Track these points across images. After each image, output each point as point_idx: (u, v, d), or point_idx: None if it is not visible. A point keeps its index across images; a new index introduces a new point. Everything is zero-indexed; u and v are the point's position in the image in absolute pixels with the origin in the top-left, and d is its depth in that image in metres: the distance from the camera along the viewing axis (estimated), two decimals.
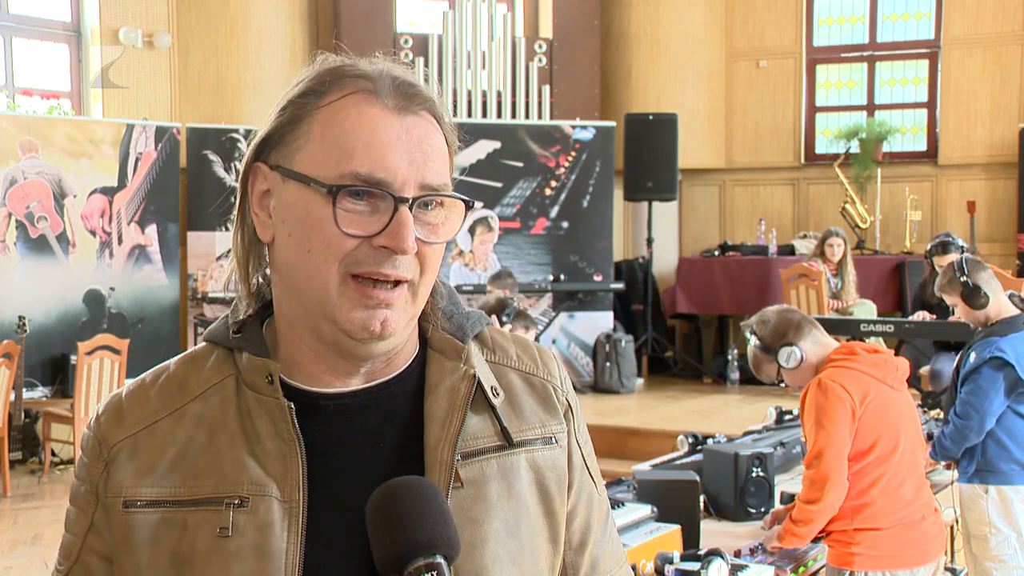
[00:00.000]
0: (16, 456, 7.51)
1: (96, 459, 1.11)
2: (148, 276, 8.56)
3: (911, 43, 10.29)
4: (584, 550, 1.19)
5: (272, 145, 1.09)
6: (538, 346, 1.24)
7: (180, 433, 1.09)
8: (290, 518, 1.05)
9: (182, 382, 1.12)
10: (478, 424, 1.12)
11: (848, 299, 8.39)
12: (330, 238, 1.03)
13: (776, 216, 10.42)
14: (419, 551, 0.97)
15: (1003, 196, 9.71)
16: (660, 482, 3.25)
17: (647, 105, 9.94)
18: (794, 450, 4.19)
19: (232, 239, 1.14)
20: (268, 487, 1.05)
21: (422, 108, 1.08)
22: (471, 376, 1.12)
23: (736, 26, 10.52)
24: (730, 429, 5.14)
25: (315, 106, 1.07)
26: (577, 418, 1.21)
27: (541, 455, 1.14)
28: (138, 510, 1.07)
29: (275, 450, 1.06)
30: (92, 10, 8.85)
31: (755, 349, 3.21)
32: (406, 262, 1.05)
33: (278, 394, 1.08)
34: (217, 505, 1.05)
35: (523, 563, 1.09)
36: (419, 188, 1.05)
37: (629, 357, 8.87)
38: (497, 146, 9.09)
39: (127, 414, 1.12)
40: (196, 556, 1.04)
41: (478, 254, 9.08)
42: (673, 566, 2.76)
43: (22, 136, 7.94)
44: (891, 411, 3.00)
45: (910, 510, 2.99)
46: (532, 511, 1.12)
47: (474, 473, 1.09)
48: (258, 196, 1.10)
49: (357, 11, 9.64)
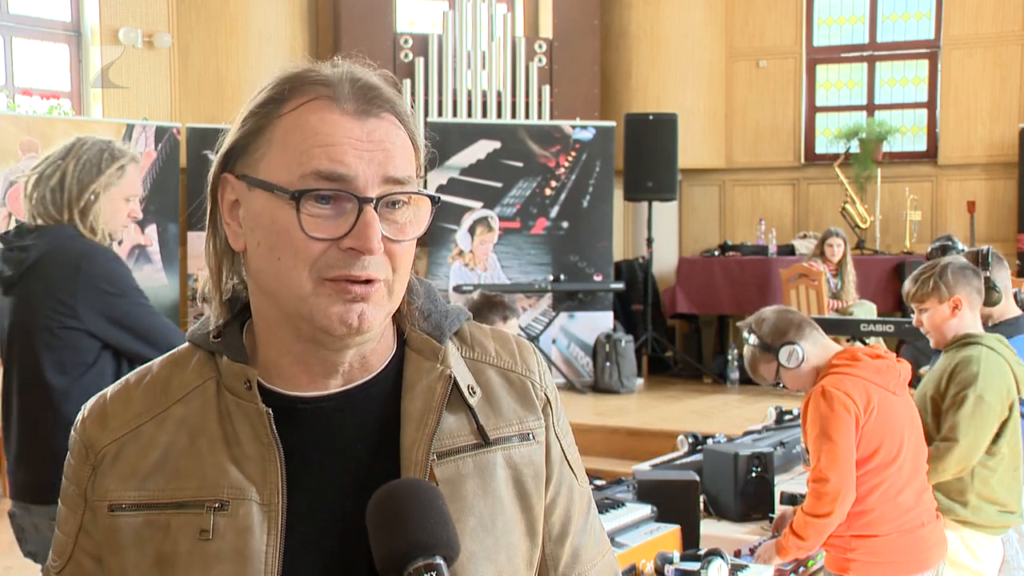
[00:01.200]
0: None
1: (83, 463, 1.13)
2: (148, 276, 8.55)
3: (911, 43, 10.29)
4: (564, 541, 1.21)
5: (237, 155, 1.10)
6: (518, 340, 1.25)
7: (163, 436, 1.11)
8: (269, 521, 1.06)
9: (165, 384, 1.14)
10: (454, 423, 1.13)
11: (848, 299, 8.39)
12: (298, 244, 1.04)
13: (776, 216, 10.42)
14: (419, 552, 0.97)
15: (1003, 196, 9.71)
16: (660, 482, 3.25)
17: (647, 105, 9.94)
18: (794, 450, 4.19)
19: (204, 249, 1.15)
20: (248, 491, 1.07)
21: (383, 110, 1.08)
22: (447, 376, 1.14)
23: (736, 26, 10.52)
24: (730, 429, 5.14)
25: (276, 114, 1.08)
26: (556, 412, 1.22)
27: (518, 452, 1.16)
28: (123, 513, 1.09)
29: (255, 454, 1.08)
30: (92, 10, 8.85)
31: (753, 348, 3.12)
32: (376, 262, 1.06)
33: (256, 400, 1.09)
34: (198, 508, 1.07)
35: (498, 559, 1.11)
36: (382, 183, 1.06)
37: (629, 357, 8.86)
38: (497, 146, 9.09)
39: (111, 417, 1.14)
40: (179, 557, 1.06)
41: (478, 254, 9.08)
42: (673, 566, 2.76)
43: (22, 136, 7.94)
44: (894, 418, 2.95)
45: (909, 517, 2.96)
46: (508, 507, 1.14)
47: (449, 472, 1.11)
48: (228, 206, 1.11)
49: (357, 11, 9.64)
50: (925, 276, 3.46)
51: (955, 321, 3.42)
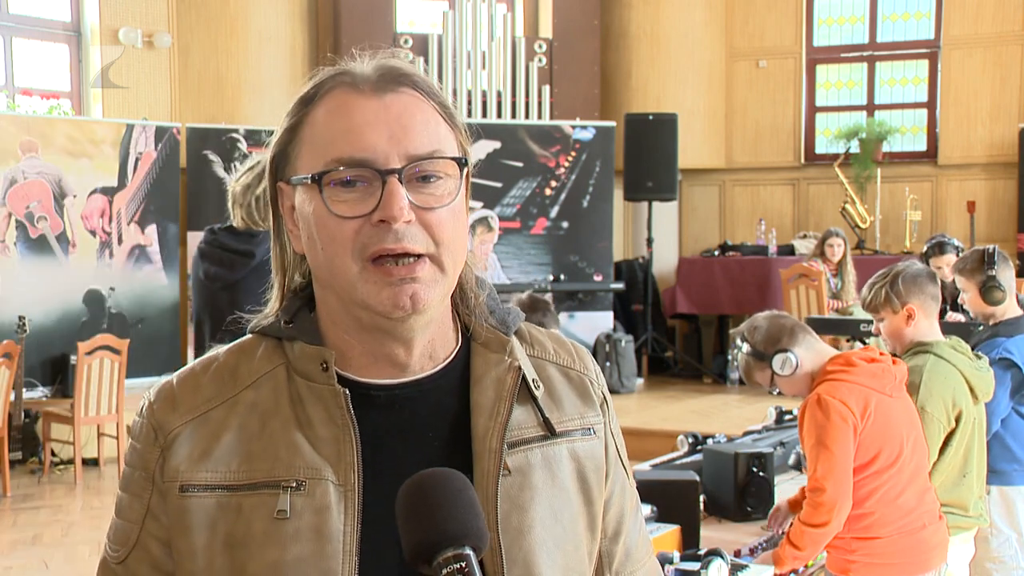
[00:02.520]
0: (16, 456, 7.51)
1: (151, 445, 1.12)
2: (148, 276, 8.56)
3: (911, 43, 10.29)
4: (619, 539, 1.22)
5: (282, 162, 1.13)
6: (572, 342, 1.27)
7: (233, 420, 1.11)
8: (346, 501, 1.07)
9: (233, 370, 1.14)
10: (522, 415, 1.14)
11: (848, 299, 8.39)
12: (333, 229, 1.06)
13: (776, 216, 10.42)
14: (449, 542, 0.97)
15: (1003, 196, 9.71)
16: (660, 482, 3.24)
17: (647, 105, 9.94)
18: (794, 451, 4.18)
19: (272, 260, 1.19)
20: (323, 470, 1.07)
21: (401, 85, 1.09)
22: (516, 368, 1.15)
23: (736, 26, 10.52)
24: (730, 429, 5.14)
25: (305, 112, 1.10)
26: (611, 410, 1.24)
27: (581, 445, 1.17)
28: (194, 494, 1.08)
29: (328, 435, 1.08)
30: (92, 10, 8.86)
31: (747, 356, 3.08)
32: (411, 233, 1.05)
33: (332, 381, 1.09)
34: (273, 488, 1.07)
35: (566, 549, 1.12)
36: (405, 160, 1.06)
37: (629, 357, 8.87)
38: (497, 146, 9.09)
39: (180, 401, 1.13)
40: (252, 539, 1.06)
41: (478, 254, 9.08)
42: (673, 566, 2.75)
43: (22, 136, 7.94)
44: (892, 421, 2.92)
45: (910, 518, 2.93)
46: (573, 499, 1.15)
47: (520, 462, 1.11)
48: (288, 213, 1.14)
49: (357, 11, 9.64)
50: (878, 286, 3.41)
51: (910, 330, 3.39)
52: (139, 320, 8.44)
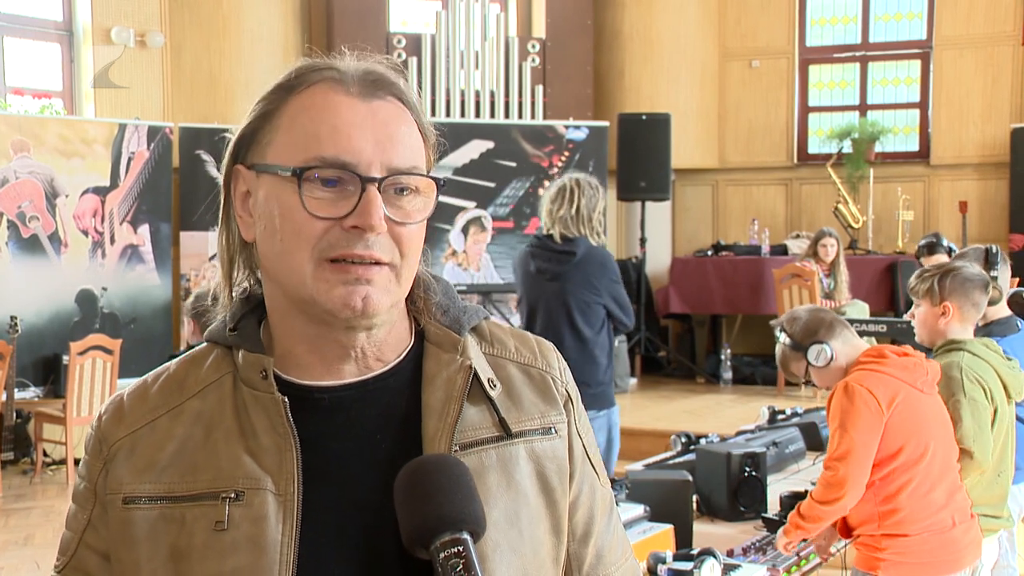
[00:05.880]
0: (8, 457, 7.50)
1: (96, 457, 1.13)
2: (140, 276, 8.54)
3: (903, 43, 10.31)
4: (588, 541, 1.20)
5: (247, 145, 1.12)
6: (537, 338, 1.24)
7: (178, 430, 1.10)
8: (284, 510, 1.05)
9: (181, 380, 1.14)
10: (476, 415, 1.12)
11: (841, 299, 8.41)
12: (301, 224, 1.05)
13: (769, 216, 10.43)
14: (446, 526, 0.97)
15: (995, 196, 9.74)
16: (653, 482, 3.25)
17: (640, 105, 9.95)
18: (787, 450, 4.19)
19: (217, 243, 1.16)
20: (263, 480, 1.06)
21: (388, 94, 1.09)
22: (467, 368, 1.13)
23: (729, 26, 10.53)
24: (723, 429, 5.14)
25: (283, 100, 1.09)
26: (577, 409, 1.21)
27: (540, 445, 1.15)
28: (138, 506, 1.08)
29: (270, 444, 1.07)
30: (84, 9, 8.83)
31: (784, 347, 3.15)
32: (380, 243, 1.05)
33: (272, 388, 1.09)
34: (213, 500, 1.06)
35: (523, 552, 1.10)
36: (386, 170, 1.06)
37: (622, 357, 8.87)
38: (490, 146, 9.09)
39: (127, 412, 1.13)
40: (193, 550, 1.05)
41: (471, 254, 9.08)
42: (666, 566, 2.76)
43: (13, 136, 7.91)
44: (920, 415, 2.94)
45: (940, 516, 2.93)
46: (532, 502, 1.12)
47: (473, 464, 1.09)
48: (240, 198, 1.12)
49: (350, 11, 9.63)
50: (928, 274, 3.48)
51: (941, 325, 3.43)
52: (131, 320, 8.42)
